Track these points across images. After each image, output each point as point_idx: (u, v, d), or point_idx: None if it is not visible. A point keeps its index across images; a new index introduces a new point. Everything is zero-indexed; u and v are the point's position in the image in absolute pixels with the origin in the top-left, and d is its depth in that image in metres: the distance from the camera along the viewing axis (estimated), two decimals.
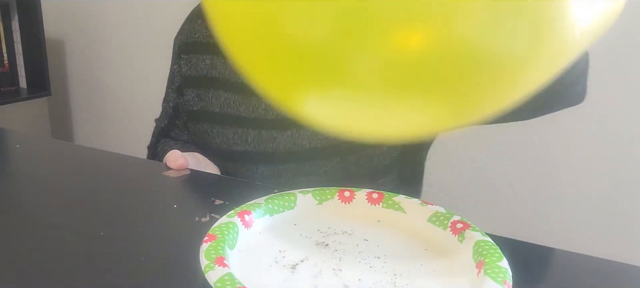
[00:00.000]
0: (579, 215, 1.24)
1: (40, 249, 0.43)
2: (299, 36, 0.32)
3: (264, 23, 0.33)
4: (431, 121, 0.36)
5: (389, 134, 0.40)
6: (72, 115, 2.10)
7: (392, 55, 0.30)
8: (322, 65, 0.32)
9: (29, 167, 0.64)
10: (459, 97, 0.33)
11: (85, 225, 0.47)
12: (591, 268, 0.43)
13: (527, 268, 0.41)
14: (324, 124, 0.39)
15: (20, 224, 0.48)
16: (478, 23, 0.28)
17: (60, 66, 2.05)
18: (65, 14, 1.96)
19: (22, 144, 0.73)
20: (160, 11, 1.71)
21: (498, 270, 0.36)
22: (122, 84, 1.91)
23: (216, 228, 0.41)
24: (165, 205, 0.52)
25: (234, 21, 0.36)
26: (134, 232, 0.46)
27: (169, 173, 0.60)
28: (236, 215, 0.43)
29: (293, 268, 0.39)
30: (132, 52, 1.84)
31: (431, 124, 0.37)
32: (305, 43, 0.32)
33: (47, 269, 0.40)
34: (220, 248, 0.38)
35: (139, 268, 0.40)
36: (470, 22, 0.28)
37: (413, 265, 0.40)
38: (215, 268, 0.35)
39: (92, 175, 0.61)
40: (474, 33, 0.29)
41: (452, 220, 0.43)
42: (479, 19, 0.28)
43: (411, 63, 0.30)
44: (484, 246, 0.39)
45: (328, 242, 0.43)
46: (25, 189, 0.57)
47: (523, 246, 0.45)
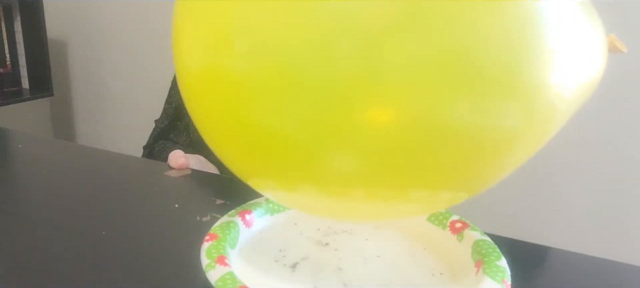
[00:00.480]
0: (578, 215, 1.24)
1: (42, 249, 0.43)
2: (269, 126, 0.30)
3: (234, 111, 0.31)
4: (408, 210, 0.35)
5: (367, 219, 0.40)
6: (74, 115, 2.11)
7: (366, 149, 0.29)
8: (294, 158, 0.31)
9: (31, 167, 0.64)
10: (441, 186, 0.31)
11: (87, 224, 0.47)
12: (590, 268, 0.43)
13: (526, 267, 0.41)
14: (298, 208, 0.39)
15: (22, 224, 0.48)
16: (460, 109, 0.27)
17: (62, 67, 2.05)
18: (67, 15, 1.97)
19: (25, 144, 0.73)
20: (162, 12, 1.72)
21: (497, 269, 0.36)
22: (124, 84, 1.92)
23: (217, 227, 0.41)
24: (166, 205, 0.52)
25: (209, 109, 0.34)
26: (136, 232, 0.47)
27: (170, 173, 0.60)
28: (237, 214, 0.43)
29: (293, 267, 0.39)
30: (134, 52, 1.85)
31: (408, 212, 0.37)
32: (275, 134, 0.30)
33: (48, 269, 0.40)
34: (221, 248, 0.38)
35: (140, 268, 0.40)
36: (450, 108, 0.27)
37: (412, 265, 0.40)
38: (216, 268, 0.35)
39: (94, 175, 0.62)
40: (453, 120, 0.27)
41: (451, 220, 0.43)
42: (461, 106, 0.27)
43: (387, 151, 0.28)
44: (482, 245, 0.39)
45: (328, 241, 0.43)
46: (28, 189, 0.58)
47: (522, 245, 0.45)
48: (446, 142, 0.28)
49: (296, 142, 0.29)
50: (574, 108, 0.33)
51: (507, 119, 0.28)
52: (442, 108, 0.27)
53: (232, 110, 0.31)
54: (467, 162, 0.30)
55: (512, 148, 0.30)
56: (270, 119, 0.29)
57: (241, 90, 0.29)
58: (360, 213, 0.36)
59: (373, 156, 0.29)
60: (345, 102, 0.27)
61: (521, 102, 0.28)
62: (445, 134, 0.28)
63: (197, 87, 0.33)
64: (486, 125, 0.28)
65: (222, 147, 0.36)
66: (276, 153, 0.31)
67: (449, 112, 0.27)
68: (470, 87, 0.27)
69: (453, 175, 0.31)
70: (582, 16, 0.31)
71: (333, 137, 0.28)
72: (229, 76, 0.30)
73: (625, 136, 1.15)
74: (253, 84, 0.29)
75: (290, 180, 0.33)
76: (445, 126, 0.27)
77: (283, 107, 0.28)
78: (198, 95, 0.34)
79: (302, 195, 0.34)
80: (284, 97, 0.28)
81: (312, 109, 0.28)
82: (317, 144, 0.29)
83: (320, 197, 0.33)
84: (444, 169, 0.30)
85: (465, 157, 0.29)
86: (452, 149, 0.29)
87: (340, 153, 0.29)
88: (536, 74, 0.28)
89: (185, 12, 0.34)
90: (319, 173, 0.31)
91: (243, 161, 0.35)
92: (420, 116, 0.27)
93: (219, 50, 0.30)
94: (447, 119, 0.27)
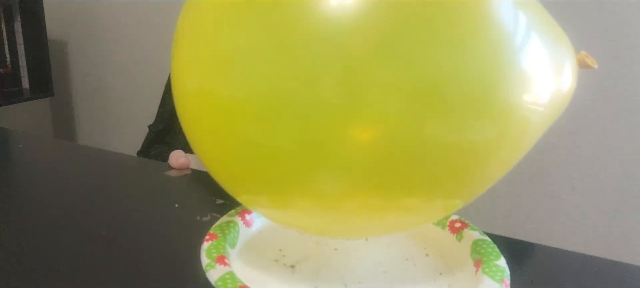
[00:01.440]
0: (577, 214, 1.24)
1: (42, 249, 0.43)
2: (260, 145, 0.32)
3: (227, 130, 0.33)
4: (402, 221, 0.37)
5: (360, 234, 0.42)
6: (75, 115, 2.11)
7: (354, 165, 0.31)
8: (283, 175, 0.33)
9: (32, 167, 0.64)
10: (428, 195, 0.33)
11: (87, 224, 0.48)
12: (590, 268, 0.43)
13: (525, 267, 0.41)
14: (291, 226, 0.40)
15: (22, 224, 0.48)
16: (436, 129, 0.29)
17: (62, 67, 2.05)
18: (68, 15, 1.97)
19: (25, 144, 0.73)
20: (162, 12, 1.72)
21: (496, 268, 0.36)
22: (124, 84, 1.92)
23: (217, 227, 0.41)
24: (166, 205, 0.52)
25: (202, 127, 0.36)
26: (136, 231, 0.47)
27: (171, 172, 0.60)
28: (237, 214, 0.43)
29: (293, 267, 0.39)
30: (134, 53, 1.85)
31: (403, 224, 0.38)
32: (267, 150, 0.32)
33: (49, 268, 0.40)
34: (221, 247, 0.38)
35: (140, 267, 0.40)
36: (426, 129, 0.29)
37: (412, 264, 0.40)
38: (217, 267, 0.35)
39: (94, 175, 0.62)
40: (430, 138, 0.30)
41: (451, 219, 0.43)
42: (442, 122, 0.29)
43: (370, 167, 0.31)
44: (482, 245, 0.39)
45: (328, 241, 0.43)
46: (28, 189, 0.58)
47: (521, 245, 0.45)
48: (425, 158, 0.30)
49: (285, 159, 0.31)
50: (547, 123, 0.35)
51: (482, 135, 0.30)
52: (419, 129, 0.29)
53: (225, 129, 0.33)
54: (448, 175, 0.32)
55: (489, 161, 0.32)
56: (261, 138, 0.31)
57: (234, 112, 0.32)
58: (352, 228, 0.37)
59: (357, 171, 0.31)
60: (329, 124, 0.29)
61: (494, 121, 0.30)
62: (423, 150, 0.30)
63: (192, 105, 0.35)
64: (461, 142, 0.30)
65: (213, 164, 0.38)
66: (266, 170, 0.33)
67: (425, 132, 0.29)
68: (444, 109, 0.29)
69: (437, 186, 0.32)
70: (549, 37, 0.33)
71: (320, 154, 0.31)
72: (222, 99, 0.32)
73: (625, 136, 1.15)
74: (245, 106, 0.31)
75: (281, 196, 0.35)
76: (422, 144, 0.30)
77: (273, 128, 0.31)
78: (192, 113, 0.36)
79: (293, 211, 0.35)
80: (273, 119, 0.30)
81: (300, 129, 0.30)
82: (305, 161, 0.31)
83: (311, 211, 0.34)
84: (427, 181, 0.32)
85: (445, 170, 0.31)
86: (432, 163, 0.31)
87: (327, 169, 0.31)
88: (508, 95, 0.30)
89: (186, 32, 0.36)
90: (308, 189, 0.33)
91: (234, 178, 0.37)
92: (398, 135, 0.29)
93: (215, 74, 0.32)
94: (424, 138, 0.29)
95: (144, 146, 0.85)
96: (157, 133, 0.83)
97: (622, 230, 1.19)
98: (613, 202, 1.19)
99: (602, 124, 1.16)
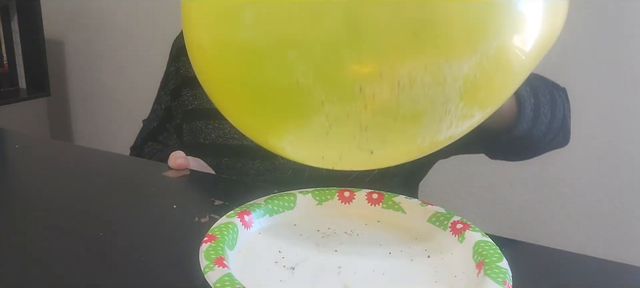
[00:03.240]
0: (579, 215, 1.24)
1: (38, 250, 0.42)
2: (274, 82, 0.36)
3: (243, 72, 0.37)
4: (417, 148, 0.40)
5: (372, 164, 0.43)
6: (72, 115, 2.10)
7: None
8: (298, 104, 0.36)
9: (28, 167, 0.64)
10: (435, 120, 0.36)
11: (85, 225, 0.47)
12: (591, 269, 0.43)
13: (527, 268, 0.41)
14: (304, 159, 0.43)
15: (19, 224, 0.48)
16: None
17: (59, 67, 2.04)
18: (65, 15, 1.96)
19: (21, 144, 0.72)
20: (159, 12, 1.71)
21: (498, 270, 0.36)
22: (121, 84, 1.91)
23: (216, 228, 0.41)
24: (164, 206, 0.52)
25: (213, 64, 0.40)
26: (133, 233, 0.46)
27: (169, 173, 0.60)
28: (236, 215, 0.43)
29: (293, 268, 0.39)
30: (131, 52, 1.84)
31: (418, 150, 0.41)
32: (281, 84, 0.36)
33: (46, 270, 0.40)
34: (220, 249, 0.38)
35: (138, 269, 0.40)
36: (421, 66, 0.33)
37: (413, 266, 0.40)
38: (215, 269, 0.35)
39: (91, 175, 0.61)
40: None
41: (452, 221, 0.43)
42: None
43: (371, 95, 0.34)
44: (484, 246, 0.39)
45: (328, 242, 0.43)
46: (24, 190, 0.57)
47: (523, 246, 0.45)
48: (417, 90, 0.34)
49: (296, 94, 0.35)
50: (533, 63, 0.38)
51: (470, 72, 0.34)
52: (413, 64, 0.33)
53: (242, 73, 0.37)
54: (438, 107, 0.35)
55: (477, 97, 0.36)
56: (274, 76, 0.36)
57: (249, 56, 0.36)
58: (351, 157, 0.40)
59: (356, 97, 0.35)
60: (334, 59, 0.34)
61: (485, 60, 0.34)
62: (416, 83, 0.34)
63: (209, 57, 0.40)
64: (452, 77, 0.34)
65: (232, 109, 0.42)
66: (280, 105, 0.37)
67: (418, 67, 0.33)
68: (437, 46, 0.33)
69: (427, 119, 0.36)
70: None
71: (327, 87, 0.35)
72: (237, 45, 0.36)
73: (626, 136, 1.15)
74: (258, 49, 0.35)
75: (294, 127, 0.39)
76: (415, 77, 0.34)
77: (285, 64, 0.35)
78: (210, 65, 0.40)
79: (303, 141, 0.40)
80: (285, 56, 0.35)
81: (308, 66, 0.34)
82: (315, 94, 0.35)
83: (319, 140, 0.38)
84: (418, 112, 0.36)
85: (436, 103, 0.35)
86: (423, 95, 0.34)
87: (333, 102, 0.35)
88: (499, 36, 0.34)
89: None
90: (317, 118, 0.36)
91: (252, 119, 0.41)
92: (396, 72, 0.33)
93: (228, 24, 0.37)
94: (416, 72, 0.33)
95: (137, 143, 0.85)
96: (151, 131, 0.83)
97: (623, 230, 1.19)
98: (614, 202, 1.19)
99: (603, 124, 1.16)
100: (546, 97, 0.61)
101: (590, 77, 1.15)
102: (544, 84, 0.64)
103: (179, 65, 0.79)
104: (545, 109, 0.60)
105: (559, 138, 0.65)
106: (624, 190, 1.18)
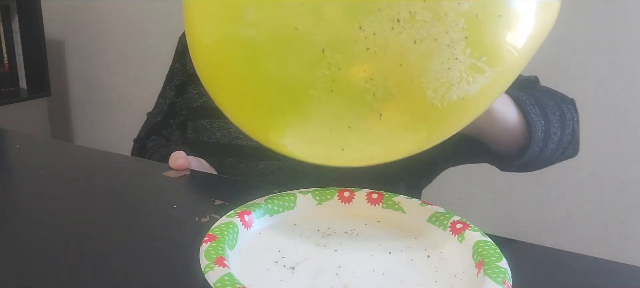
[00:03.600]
0: (578, 215, 1.24)
1: (39, 250, 0.42)
2: (277, 78, 0.36)
3: (247, 69, 0.38)
4: (412, 144, 0.40)
5: (370, 160, 0.43)
6: (72, 115, 2.10)
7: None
8: (296, 101, 0.37)
9: (29, 167, 0.64)
10: (432, 116, 0.37)
11: (85, 225, 0.47)
12: (591, 269, 0.43)
13: (527, 268, 0.41)
14: (302, 156, 0.43)
15: (20, 224, 0.48)
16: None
17: (60, 67, 2.04)
18: (65, 15, 1.96)
19: (22, 144, 0.72)
20: (160, 12, 1.71)
21: (498, 270, 0.36)
22: (122, 84, 1.91)
23: (216, 228, 0.41)
24: (165, 206, 0.52)
25: (215, 63, 0.40)
26: (134, 233, 0.46)
27: (169, 173, 0.60)
28: (236, 215, 0.43)
29: (293, 268, 0.39)
30: (132, 52, 1.84)
31: (412, 146, 0.41)
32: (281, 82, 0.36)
33: (46, 270, 0.40)
34: (220, 249, 0.38)
35: (138, 269, 0.40)
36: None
37: (413, 266, 0.40)
38: (215, 269, 0.35)
39: (91, 175, 0.61)
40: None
41: (452, 220, 0.43)
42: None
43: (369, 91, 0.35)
44: (483, 246, 0.39)
45: (328, 242, 0.43)
46: (25, 190, 0.57)
47: (523, 246, 0.45)
48: (414, 84, 0.35)
49: (299, 88, 0.36)
50: (526, 58, 0.39)
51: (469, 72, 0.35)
52: (409, 60, 0.34)
53: (245, 71, 0.37)
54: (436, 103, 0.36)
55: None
56: (278, 72, 0.36)
57: (252, 52, 0.36)
58: (353, 153, 0.40)
59: (356, 95, 0.35)
60: (333, 56, 0.34)
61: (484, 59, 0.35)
62: (412, 76, 0.35)
63: (211, 56, 0.40)
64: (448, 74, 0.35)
65: (235, 108, 0.42)
66: (284, 101, 0.37)
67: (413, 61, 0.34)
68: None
69: (423, 114, 0.37)
70: None
71: (329, 81, 0.35)
72: (240, 43, 0.37)
73: (626, 136, 1.15)
74: (262, 45, 0.35)
75: (297, 124, 0.39)
76: (412, 70, 0.34)
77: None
78: (212, 62, 0.40)
79: (306, 138, 0.40)
80: (287, 53, 0.35)
81: (310, 59, 0.34)
82: (318, 88, 0.35)
83: (321, 136, 0.38)
84: (413, 106, 0.37)
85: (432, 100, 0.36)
86: (419, 88, 0.35)
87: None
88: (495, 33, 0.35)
89: None
90: (321, 113, 0.37)
91: (255, 116, 0.41)
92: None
93: (230, 22, 0.37)
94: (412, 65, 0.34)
95: (141, 135, 0.85)
96: (154, 125, 0.83)
97: (624, 230, 1.19)
98: (614, 202, 1.19)
99: (604, 124, 1.16)
100: (555, 115, 0.61)
101: (590, 77, 1.15)
102: (552, 100, 0.63)
103: (186, 62, 0.79)
104: (555, 127, 0.60)
105: (568, 151, 0.65)
106: (624, 190, 1.17)
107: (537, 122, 0.58)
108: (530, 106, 0.58)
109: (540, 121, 0.58)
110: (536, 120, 0.58)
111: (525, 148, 0.58)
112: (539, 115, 0.59)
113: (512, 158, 0.60)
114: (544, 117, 0.59)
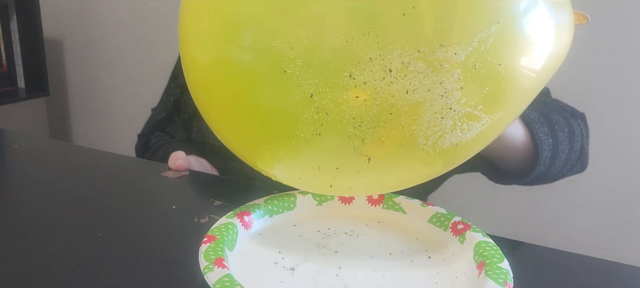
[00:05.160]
0: (579, 216, 1.24)
1: (38, 250, 0.42)
2: (270, 104, 0.35)
3: (240, 94, 0.36)
4: (402, 183, 0.39)
5: (367, 191, 0.43)
6: (71, 115, 2.10)
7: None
8: (289, 133, 0.35)
9: (27, 167, 0.64)
10: (436, 146, 0.35)
11: (84, 226, 0.47)
12: (591, 269, 0.43)
13: (528, 269, 0.41)
14: (290, 185, 0.42)
15: (18, 225, 0.47)
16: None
17: (58, 66, 2.04)
18: (63, 14, 1.96)
19: (20, 144, 0.72)
20: (159, 12, 1.71)
21: (499, 271, 0.35)
22: (120, 84, 1.91)
23: (215, 229, 0.40)
24: (164, 206, 0.52)
25: (209, 88, 0.39)
26: (133, 233, 0.46)
27: (168, 173, 0.59)
28: (235, 216, 0.43)
29: (293, 269, 0.39)
30: (130, 52, 1.84)
31: (403, 184, 0.40)
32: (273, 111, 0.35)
33: (45, 270, 0.39)
34: (220, 250, 0.37)
35: (137, 270, 0.40)
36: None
37: (414, 267, 0.39)
38: (215, 270, 0.35)
39: (90, 175, 0.61)
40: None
41: (453, 221, 0.43)
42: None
43: (369, 117, 0.33)
44: (485, 247, 0.39)
45: (328, 243, 0.43)
46: (23, 190, 0.57)
47: (524, 247, 0.45)
48: (419, 111, 0.34)
49: (296, 116, 0.34)
50: (539, 86, 0.38)
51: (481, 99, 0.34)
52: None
53: (240, 95, 0.36)
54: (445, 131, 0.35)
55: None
56: (274, 99, 0.35)
57: (248, 77, 0.35)
58: (354, 182, 0.39)
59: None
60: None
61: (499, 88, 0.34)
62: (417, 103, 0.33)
63: (205, 78, 0.38)
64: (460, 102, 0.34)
65: (228, 132, 0.41)
66: (279, 129, 0.36)
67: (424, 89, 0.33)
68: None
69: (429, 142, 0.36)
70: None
71: (328, 109, 0.33)
72: (236, 66, 0.35)
73: (627, 137, 1.15)
74: (258, 70, 0.34)
75: (294, 153, 0.37)
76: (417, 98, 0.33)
77: (281, 87, 0.33)
78: (206, 85, 0.39)
79: (303, 167, 0.38)
80: (276, 93, 0.34)
81: (309, 86, 0.33)
82: (314, 118, 0.34)
83: (320, 165, 0.37)
84: (421, 132, 0.35)
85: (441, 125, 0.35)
86: (425, 119, 0.34)
87: (334, 124, 0.34)
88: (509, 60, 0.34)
89: (192, 9, 0.38)
90: (318, 143, 0.35)
91: (249, 142, 0.40)
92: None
93: (226, 44, 0.35)
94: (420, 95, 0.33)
95: (145, 130, 0.84)
96: (158, 121, 0.82)
97: (624, 231, 1.19)
98: (614, 203, 1.19)
99: (604, 124, 1.16)
100: (564, 132, 0.60)
101: (590, 77, 1.15)
102: (562, 116, 0.62)
103: None
104: (563, 145, 0.59)
105: (576, 167, 0.64)
106: (624, 189, 1.17)
107: (544, 142, 0.57)
108: (538, 125, 0.57)
109: (548, 140, 0.58)
110: (544, 139, 0.57)
111: (532, 166, 0.57)
112: (547, 133, 0.58)
113: (518, 176, 0.60)
114: (553, 136, 0.58)
